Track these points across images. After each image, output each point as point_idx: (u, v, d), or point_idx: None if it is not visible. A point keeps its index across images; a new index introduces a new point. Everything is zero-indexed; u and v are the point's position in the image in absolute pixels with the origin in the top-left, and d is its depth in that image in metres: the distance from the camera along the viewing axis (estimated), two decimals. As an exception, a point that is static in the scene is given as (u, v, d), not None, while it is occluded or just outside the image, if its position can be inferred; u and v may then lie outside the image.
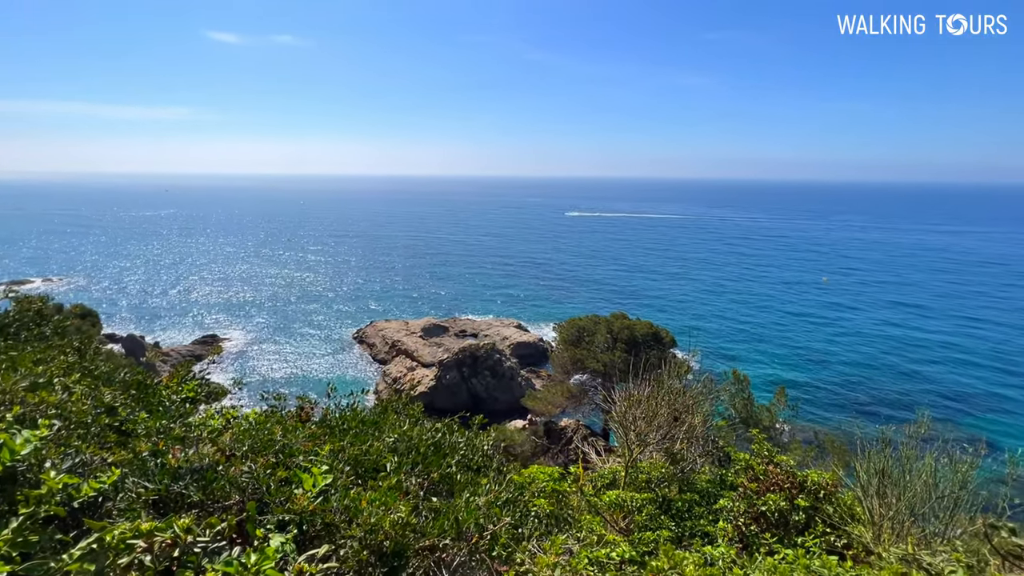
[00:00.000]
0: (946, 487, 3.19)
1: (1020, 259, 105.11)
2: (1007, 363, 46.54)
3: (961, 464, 3.31)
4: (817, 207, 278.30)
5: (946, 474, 3.30)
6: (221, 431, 2.82)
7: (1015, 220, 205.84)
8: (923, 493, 3.22)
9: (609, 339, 29.41)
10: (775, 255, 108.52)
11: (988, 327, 57.12)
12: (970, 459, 3.30)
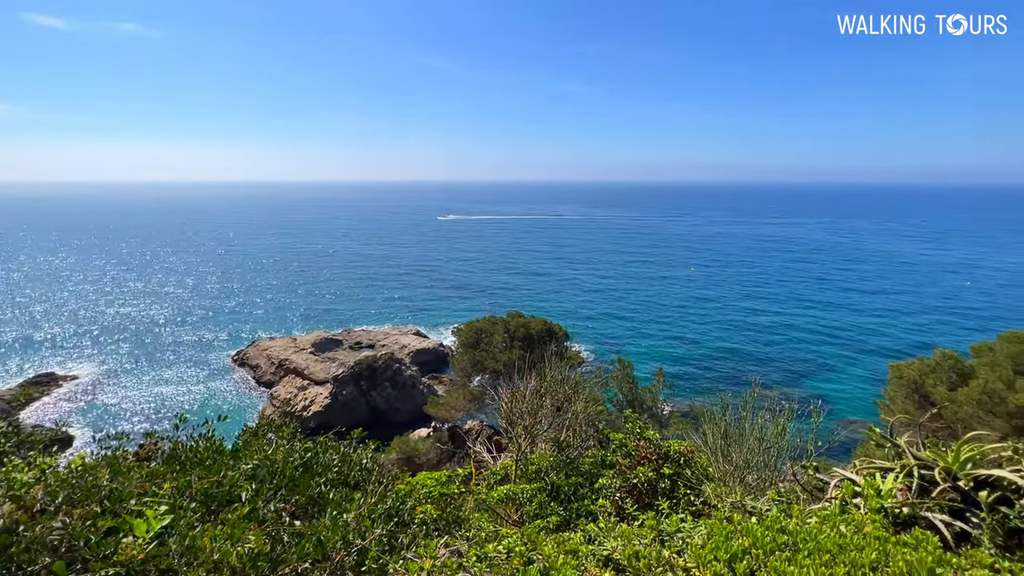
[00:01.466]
0: (771, 439, 3.82)
1: (842, 246, 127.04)
2: (834, 334, 55.92)
3: (779, 418, 3.98)
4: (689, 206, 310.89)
5: (770, 428, 3.95)
6: (31, 484, 2.36)
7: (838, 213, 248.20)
8: (755, 447, 3.81)
9: (507, 338, 30.04)
10: (651, 250, 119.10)
11: (821, 305, 68.15)
12: (787, 412, 3.99)
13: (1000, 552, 2.32)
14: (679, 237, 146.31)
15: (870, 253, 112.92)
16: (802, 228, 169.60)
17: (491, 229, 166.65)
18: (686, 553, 1.79)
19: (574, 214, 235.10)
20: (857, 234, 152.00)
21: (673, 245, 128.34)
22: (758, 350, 50.88)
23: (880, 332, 56.03)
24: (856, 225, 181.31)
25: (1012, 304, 67.81)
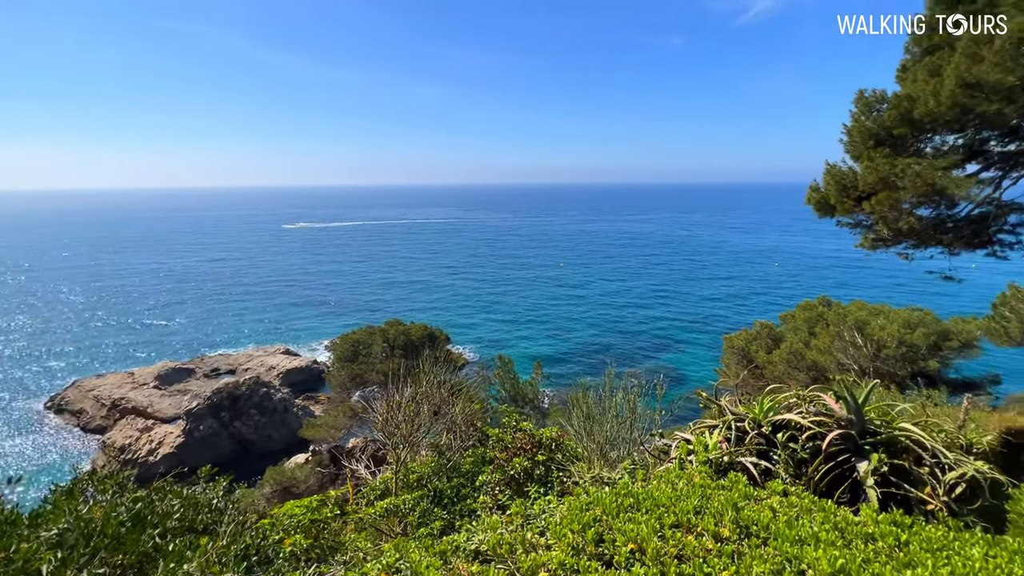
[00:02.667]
0: (625, 415, 4.29)
1: (685, 239, 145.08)
2: (685, 317, 63.82)
3: (631, 395, 4.50)
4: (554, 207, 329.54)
5: (624, 406, 4.43)
6: None
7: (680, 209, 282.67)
8: (613, 424, 4.26)
9: (386, 348, 29.02)
10: (523, 251, 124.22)
11: (673, 292, 77.24)
12: (636, 390, 4.53)
13: (792, 479, 2.86)
14: (547, 236, 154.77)
15: (706, 244, 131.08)
16: (652, 224, 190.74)
17: (359, 236, 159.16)
18: (548, 531, 1.93)
19: (447, 217, 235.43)
20: (696, 228, 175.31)
21: (543, 244, 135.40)
22: (624, 336, 56.02)
23: (720, 311, 65.35)
24: (695, 220, 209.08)
25: (810, 279, 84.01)
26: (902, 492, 2.86)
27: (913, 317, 20.18)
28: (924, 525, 1.97)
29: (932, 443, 3.04)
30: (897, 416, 3.41)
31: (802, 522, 1.84)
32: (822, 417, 3.09)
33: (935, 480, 2.91)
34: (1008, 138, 16.36)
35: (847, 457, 2.90)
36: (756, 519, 1.83)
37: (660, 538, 1.68)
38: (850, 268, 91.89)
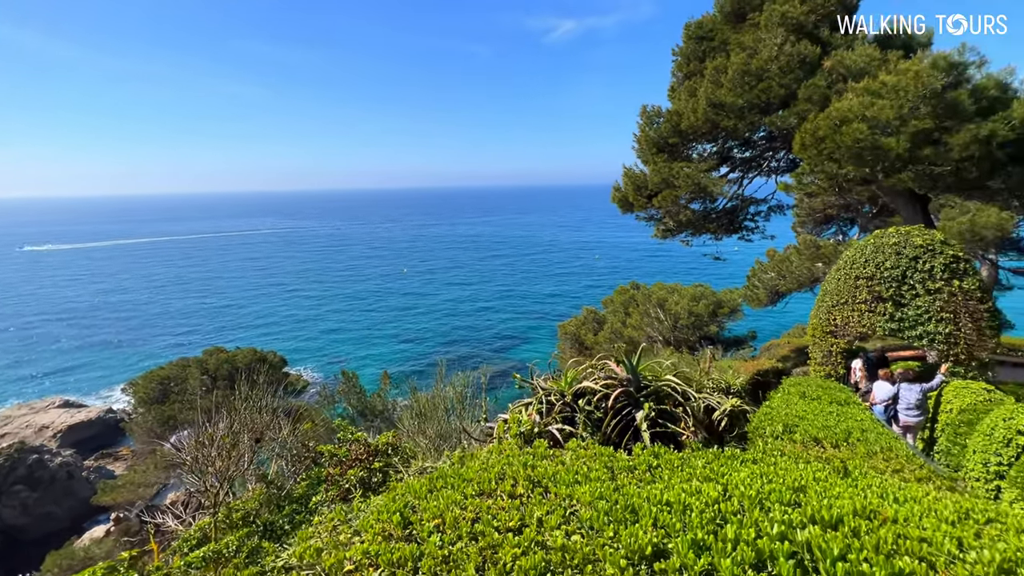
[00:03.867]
0: (455, 407, 4.57)
1: (522, 238, 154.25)
2: (528, 311, 68.05)
3: (457, 389, 4.80)
4: (390, 212, 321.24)
5: (453, 398, 4.71)
6: None
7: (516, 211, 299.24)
8: (444, 417, 4.50)
9: (207, 380, 25.20)
10: (365, 260, 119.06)
11: (515, 289, 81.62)
12: (463, 380, 4.84)
13: (590, 436, 3.36)
14: (388, 242, 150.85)
15: (541, 242, 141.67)
16: (492, 226, 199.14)
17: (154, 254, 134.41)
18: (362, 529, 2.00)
19: (276, 228, 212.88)
20: (531, 228, 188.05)
21: (384, 251, 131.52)
22: (473, 337, 57.53)
23: (557, 303, 71.23)
24: (530, 220, 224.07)
25: (627, 267, 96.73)
26: (668, 429, 3.59)
27: (697, 292, 24.69)
28: (672, 451, 2.53)
29: (685, 388, 3.89)
30: (663, 372, 4.28)
31: (582, 467, 2.22)
32: (610, 380, 3.73)
33: (687, 416, 3.72)
34: (745, 147, 20.99)
35: (629, 409, 3.56)
36: (546, 473, 2.14)
37: (460, 507, 1.87)
38: (656, 255, 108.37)
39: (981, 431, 6.97)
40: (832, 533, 1.55)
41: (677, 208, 19.21)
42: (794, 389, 7.92)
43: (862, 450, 3.69)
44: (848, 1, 16.64)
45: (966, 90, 12.18)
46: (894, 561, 1.39)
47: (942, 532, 1.68)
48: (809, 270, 24.89)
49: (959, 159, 12.04)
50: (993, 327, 10.05)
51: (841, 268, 11.51)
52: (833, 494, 1.98)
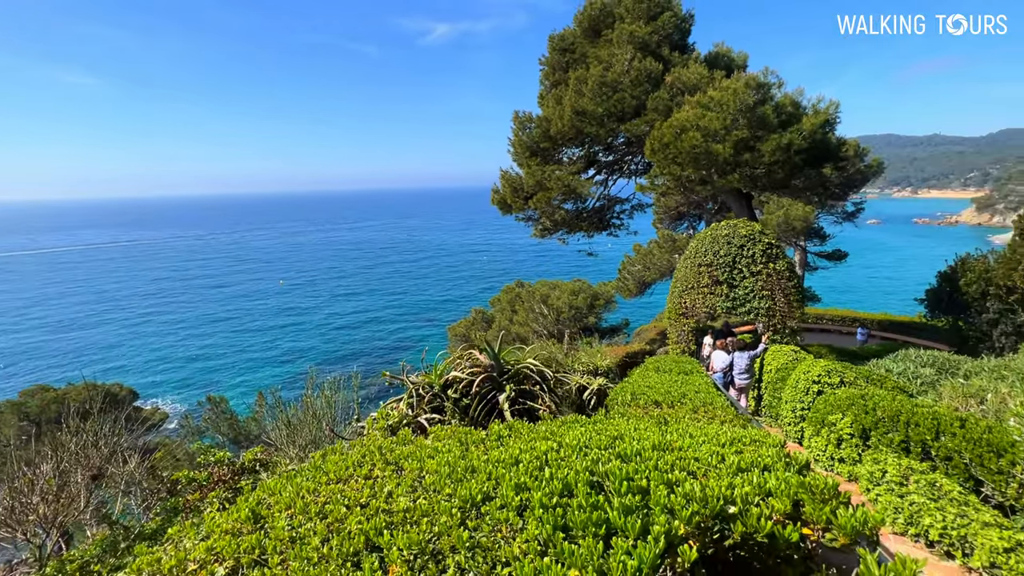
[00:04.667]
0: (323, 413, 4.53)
1: (407, 243, 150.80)
2: (418, 315, 66.84)
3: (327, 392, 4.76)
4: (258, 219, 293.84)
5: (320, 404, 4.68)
6: None
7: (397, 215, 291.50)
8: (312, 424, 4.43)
9: (28, 426, 20.93)
10: (232, 273, 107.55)
11: (402, 294, 79.63)
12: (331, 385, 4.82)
13: (459, 422, 3.57)
14: (261, 252, 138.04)
15: (428, 246, 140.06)
16: (374, 231, 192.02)
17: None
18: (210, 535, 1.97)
19: (118, 241, 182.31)
20: (415, 232, 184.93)
21: (255, 262, 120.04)
22: (363, 347, 55.10)
23: (448, 306, 71.02)
24: (413, 224, 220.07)
25: (515, 267, 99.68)
26: (528, 406, 3.95)
27: (576, 287, 26.41)
28: (521, 423, 2.83)
29: (542, 369, 4.31)
30: (525, 356, 4.68)
31: (438, 444, 2.41)
32: (475, 368, 4.00)
33: (543, 394, 4.13)
34: (608, 151, 22.93)
35: (494, 393, 3.86)
36: (402, 455, 2.29)
37: (313, 494, 1.94)
38: (541, 255, 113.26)
39: (790, 384, 8.56)
40: (628, 465, 1.91)
41: (552, 209, 20.47)
42: (652, 365, 8.98)
43: (689, 406, 4.39)
44: (683, 25, 19.09)
45: (771, 106, 14.72)
46: (667, 475, 1.78)
47: (711, 452, 2.16)
48: (668, 261, 28.05)
49: (769, 163, 14.52)
50: (799, 301, 12.32)
51: (687, 258, 13.23)
52: (644, 437, 2.40)
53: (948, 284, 17.48)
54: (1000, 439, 4.97)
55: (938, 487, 4.62)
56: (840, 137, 17.27)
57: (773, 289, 11.87)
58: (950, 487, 4.62)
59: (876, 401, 6.28)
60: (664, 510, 1.51)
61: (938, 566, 3.92)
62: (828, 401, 7.00)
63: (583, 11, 19.94)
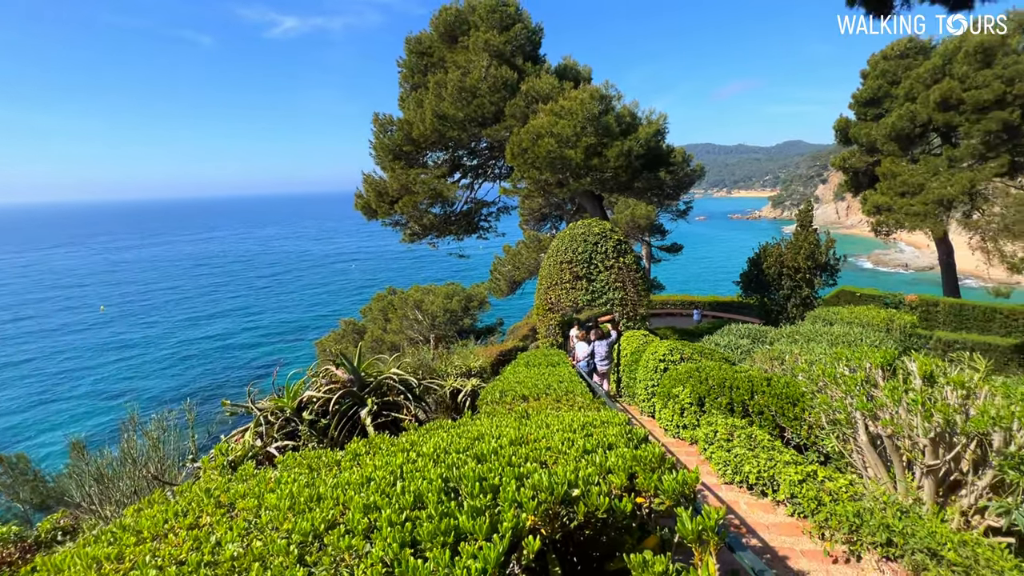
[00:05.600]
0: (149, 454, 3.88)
1: (262, 254, 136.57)
2: (280, 333, 60.86)
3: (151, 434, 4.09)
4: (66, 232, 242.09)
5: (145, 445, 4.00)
6: None
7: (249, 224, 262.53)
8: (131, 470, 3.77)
9: None
10: (32, 301, 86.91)
11: (260, 311, 71.93)
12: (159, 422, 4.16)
13: (318, 445, 3.29)
14: (70, 273, 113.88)
15: (288, 257, 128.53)
16: (222, 243, 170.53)
17: None
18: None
19: None
20: (272, 241, 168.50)
21: (62, 287, 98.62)
22: (217, 378, 48.44)
23: (316, 319, 65.93)
24: (269, 233, 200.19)
25: (387, 274, 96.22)
26: (392, 418, 3.82)
27: (450, 290, 26.40)
28: (382, 438, 2.71)
29: (406, 378, 4.22)
30: (389, 366, 4.54)
31: (283, 475, 2.18)
32: (333, 385, 3.75)
33: (408, 403, 4.04)
34: (472, 156, 23.30)
35: (355, 409, 3.65)
36: (237, 493, 2.03)
37: (116, 561, 1.62)
38: (414, 260, 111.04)
39: (642, 365, 9.55)
40: (483, 465, 1.91)
41: (419, 213, 20.18)
42: (523, 361, 9.33)
43: (553, 397, 4.63)
44: (534, 38, 20.17)
45: (613, 115, 16.29)
46: (519, 469, 1.82)
47: (563, 439, 2.28)
48: (536, 260, 29.47)
49: (615, 167, 16.06)
50: (646, 290, 13.83)
51: (550, 256, 14.02)
52: (504, 433, 2.45)
53: (755, 268, 21.13)
54: (794, 392, 6.11)
55: (754, 438, 5.51)
56: (670, 145, 19.80)
57: (624, 281, 13.15)
58: (762, 436, 5.55)
59: (708, 372, 7.28)
60: (513, 504, 1.54)
61: (756, 504, 4.67)
62: (671, 376, 7.95)
63: (439, 16, 20.00)
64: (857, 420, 4.22)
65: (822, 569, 3.47)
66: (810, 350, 9.20)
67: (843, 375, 4.49)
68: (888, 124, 25.23)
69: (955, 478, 3.72)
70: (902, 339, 10.72)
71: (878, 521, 3.43)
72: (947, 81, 23.40)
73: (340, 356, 3.84)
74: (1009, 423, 3.28)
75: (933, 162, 24.72)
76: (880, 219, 26.54)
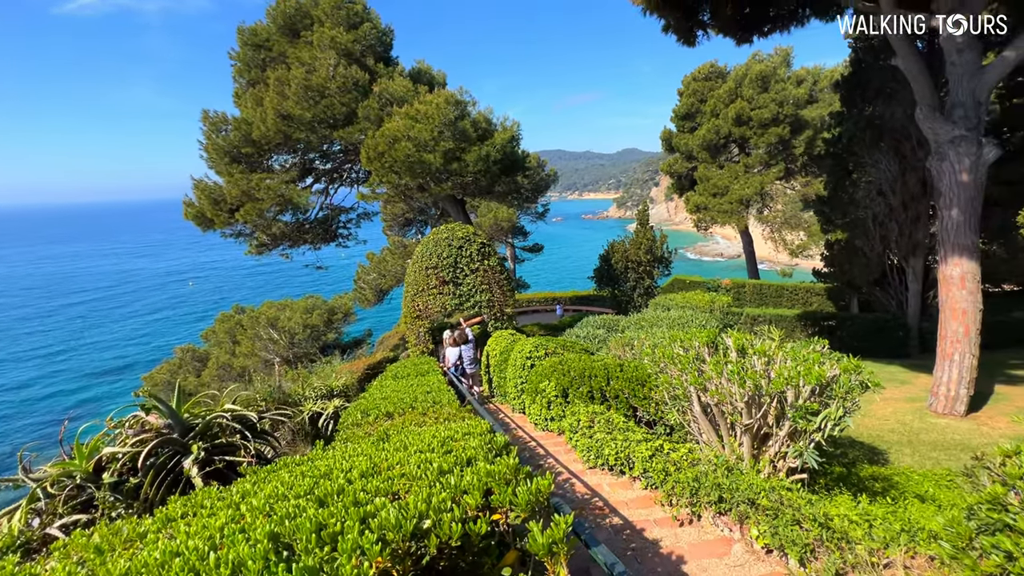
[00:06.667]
0: None
1: (64, 277, 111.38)
2: (93, 371, 50.13)
3: None
4: None
5: None
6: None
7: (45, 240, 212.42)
8: None
9: None
10: None
11: (70, 349, 58.50)
12: None
13: (125, 511, 2.69)
14: None
15: (106, 277, 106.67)
16: (6, 265, 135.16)
17: None
18: None
19: None
20: (82, 260, 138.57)
21: None
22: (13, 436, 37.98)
23: (143, 350, 55.75)
24: (77, 251, 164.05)
25: (233, 290, 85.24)
26: (229, 460, 3.32)
27: (309, 304, 24.39)
28: (208, 491, 2.30)
29: (244, 414, 3.71)
30: (223, 401, 3.96)
31: (57, 568, 1.70)
32: (144, 435, 3.11)
33: (246, 443, 3.56)
34: (325, 159, 21.78)
35: (179, 459, 3.08)
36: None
37: None
38: (264, 273, 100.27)
39: (511, 363, 9.81)
40: (325, 509, 1.70)
41: (266, 221, 18.21)
42: (391, 373, 8.94)
43: (419, 410, 4.46)
44: (385, 39, 19.54)
45: (469, 121, 16.52)
46: (365, 508, 1.65)
47: (420, 461, 2.15)
48: (402, 266, 28.65)
49: (474, 171, 16.30)
50: (511, 290, 14.29)
51: (415, 262, 13.71)
52: (356, 464, 2.23)
53: (605, 263, 23.26)
54: (642, 374, 6.75)
55: (612, 422, 5.97)
56: (525, 151, 20.75)
57: (490, 282, 13.41)
58: (618, 419, 6.04)
59: (570, 364, 7.71)
60: (354, 552, 1.37)
61: (617, 483, 5.05)
62: (538, 372, 8.28)
63: (277, 7, 18.31)
64: (691, 393, 4.79)
65: (672, 534, 3.86)
66: (653, 334, 10.33)
67: (679, 355, 5.06)
68: (700, 136, 29.67)
69: (765, 432, 4.42)
70: (722, 317, 12.63)
71: (711, 482, 3.92)
72: (739, 101, 28.33)
73: (152, 398, 3.18)
74: (797, 382, 3.99)
75: (734, 168, 29.72)
76: (700, 216, 31.08)
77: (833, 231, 19.50)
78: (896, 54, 11.35)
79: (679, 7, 12.31)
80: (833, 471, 6.28)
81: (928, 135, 11.25)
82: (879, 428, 10.79)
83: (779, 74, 28.00)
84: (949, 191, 10.98)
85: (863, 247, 18.11)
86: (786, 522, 3.19)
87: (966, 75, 10.45)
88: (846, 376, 4.00)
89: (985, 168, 10.85)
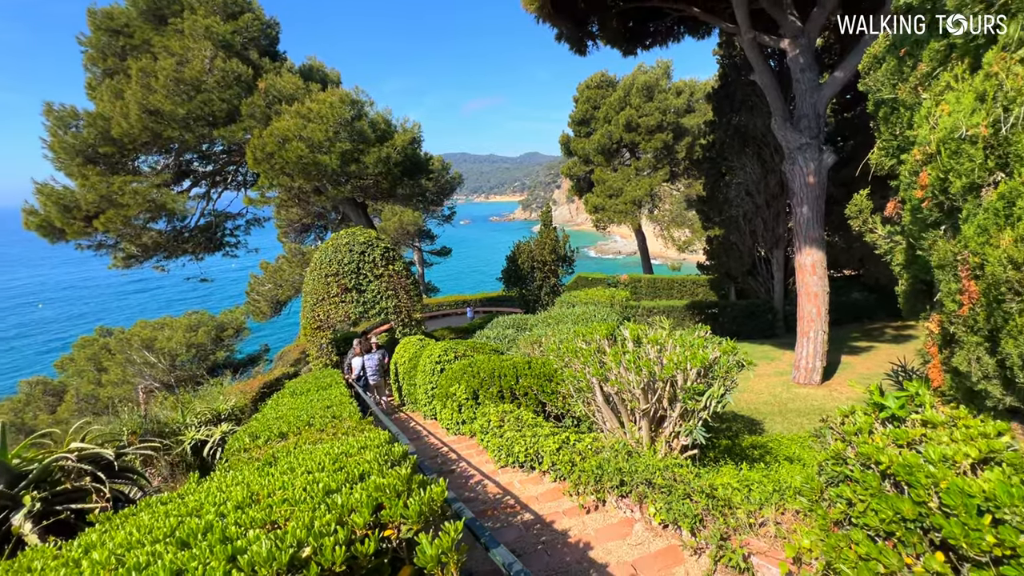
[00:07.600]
0: None
1: None
2: None
3: None
4: None
5: None
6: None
7: None
8: None
9: None
10: None
11: None
12: None
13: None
14: None
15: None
16: None
17: None
18: None
19: None
20: None
21: None
22: None
23: (-33, 388, 46.32)
24: None
25: (94, 311, 73.98)
26: (76, 509, 2.85)
27: (193, 321, 21.94)
28: (42, 550, 1.93)
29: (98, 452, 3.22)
30: (69, 439, 3.40)
31: None
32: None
33: (100, 486, 3.09)
34: (205, 160, 19.73)
35: (6, 514, 2.55)
36: None
37: None
38: (151, 290, 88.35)
39: (420, 369, 9.58)
40: (187, 552, 1.50)
41: (134, 230, 15.99)
42: (288, 390, 8.30)
43: (317, 427, 4.17)
44: (270, 32, 18.17)
45: (367, 121, 15.90)
46: (235, 544, 1.48)
47: (306, 483, 1.99)
48: (301, 275, 26.82)
49: (374, 174, 15.73)
50: (419, 295, 13.98)
51: (313, 270, 12.89)
52: (233, 496, 2.00)
53: (512, 264, 23.72)
54: (549, 370, 6.93)
55: (521, 419, 6.05)
56: (428, 153, 20.45)
57: (396, 288, 13.01)
58: (527, 416, 6.14)
59: (479, 366, 7.70)
60: (218, 597, 1.22)
61: (528, 479, 5.13)
62: (448, 376, 8.17)
63: (135, -13, 16.24)
64: (594, 384, 5.00)
65: (579, 522, 3.98)
66: (560, 331, 10.68)
67: (582, 349, 5.26)
68: (595, 141, 31.37)
69: (660, 414, 4.74)
70: (621, 311, 13.41)
71: (613, 467, 4.11)
72: (628, 109, 30.41)
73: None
74: (684, 366, 4.33)
75: (627, 171, 31.82)
76: (598, 216, 32.83)
77: (712, 228, 21.63)
78: (754, 70, 12.85)
79: (570, 17, 12.88)
80: (720, 444, 6.92)
81: (782, 142, 12.89)
82: (755, 401, 12.13)
83: (661, 85, 30.48)
84: (800, 191, 12.66)
85: (736, 241, 20.31)
86: (678, 497, 3.43)
87: (808, 91, 12.11)
88: (725, 357, 4.41)
89: (826, 171, 12.67)
